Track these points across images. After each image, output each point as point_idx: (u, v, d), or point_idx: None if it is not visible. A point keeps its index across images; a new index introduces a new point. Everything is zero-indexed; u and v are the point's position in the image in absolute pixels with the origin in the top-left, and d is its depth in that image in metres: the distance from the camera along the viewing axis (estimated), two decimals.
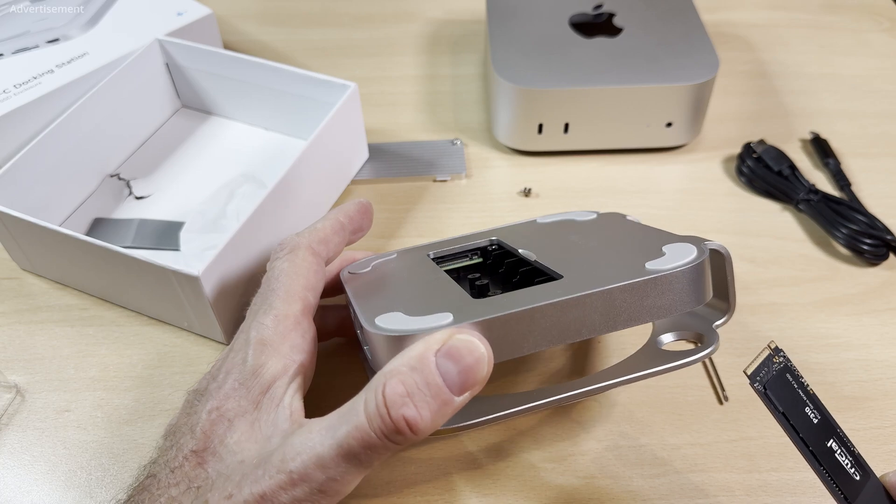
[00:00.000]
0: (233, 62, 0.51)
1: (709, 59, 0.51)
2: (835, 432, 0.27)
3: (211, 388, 0.30)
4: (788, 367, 0.27)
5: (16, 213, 0.41)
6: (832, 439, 0.27)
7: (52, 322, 0.44)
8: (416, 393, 0.25)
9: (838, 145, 0.54)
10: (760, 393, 0.26)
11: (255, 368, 0.30)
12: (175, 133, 0.55)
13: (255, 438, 0.28)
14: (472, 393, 0.26)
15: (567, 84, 0.49)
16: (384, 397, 0.25)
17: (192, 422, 0.30)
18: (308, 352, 0.32)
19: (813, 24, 0.66)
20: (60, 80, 0.50)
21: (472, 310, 0.28)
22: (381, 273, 0.37)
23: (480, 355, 0.26)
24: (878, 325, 0.43)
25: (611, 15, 0.56)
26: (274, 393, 0.30)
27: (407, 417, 0.25)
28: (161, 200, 0.50)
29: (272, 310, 0.32)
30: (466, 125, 0.57)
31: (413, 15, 0.67)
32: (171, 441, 0.30)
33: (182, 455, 0.29)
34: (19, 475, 0.37)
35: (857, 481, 0.27)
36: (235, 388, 0.30)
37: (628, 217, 0.40)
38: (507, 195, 0.51)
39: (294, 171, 0.43)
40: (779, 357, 0.27)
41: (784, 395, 0.26)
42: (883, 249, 0.46)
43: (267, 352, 0.30)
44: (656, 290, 0.29)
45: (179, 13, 0.56)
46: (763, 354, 0.27)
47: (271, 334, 0.31)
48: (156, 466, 0.29)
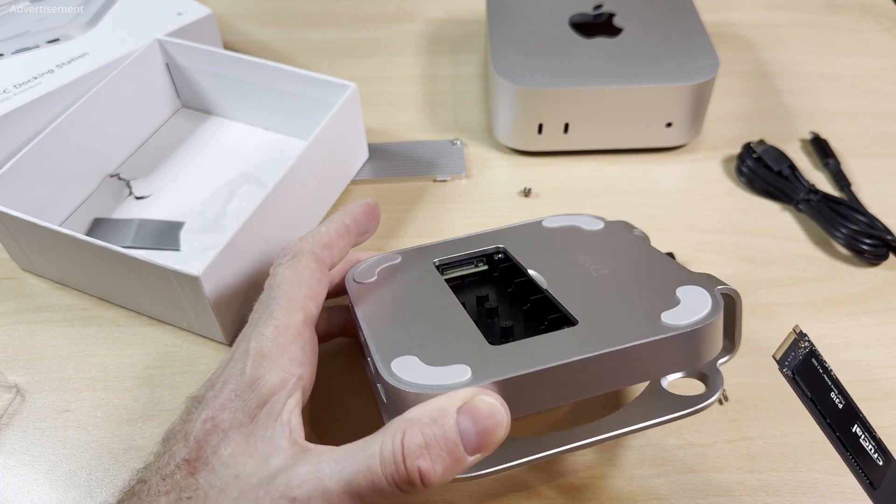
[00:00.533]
0: (233, 62, 0.51)
1: (709, 59, 0.51)
2: (858, 417, 0.27)
3: (208, 396, 0.30)
4: (813, 351, 0.27)
5: (15, 213, 0.41)
6: (856, 424, 0.27)
7: (52, 322, 0.44)
8: (434, 446, 0.25)
9: (838, 145, 0.54)
10: (789, 378, 0.26)
11: (252, 381, 0.30)
12: (175, 133, 0.54)
13: (250, 453, 0.28)
14: (485, 454, 0.27)
15: (567, 84, 0.49)
16: (402, 445, 0.25)
17: (186, 429, 0.29)
18: (308, 364, 0.31)
19: (813, 24, 0.66)
20: (60, 80, 0.50)
21: (491, 362, 0.28)
22: (389, 287, 0.37)
23: (500, 419, 0.26)
24: (878, 326, 0.43)
25: (611, 15, 0.56)
26: (272, 407, 0.29)
27: (421, 469, 0.25)
28: (161, 200, 0.50)
29: (273, 320, 0.31)
30: (466, 125, 0.57)
31: (413, 15, 0.67)
32: (166, 447, 0.30)
33: (174, 463, 0.28)
34: (19, 475, 0.37)
35: (881, 466, 0.27)
36: (232, 399, 0.29)
37: (635, 231, 0.41)
38: (508, 195, 0.51)
39: (294, 171, 0.43)
40: (804, 342, 0.27)
41: (811, 380, 0.26)
42: (883, 249, 0.46)
43: (266, 364, 0.30)
44: (674, 346, 0.29)
45: (179, 13, 0.56)
46: (790, 339, 0.27)
47: (271, 346, 0.30)
48: (147, 472, 0.29)
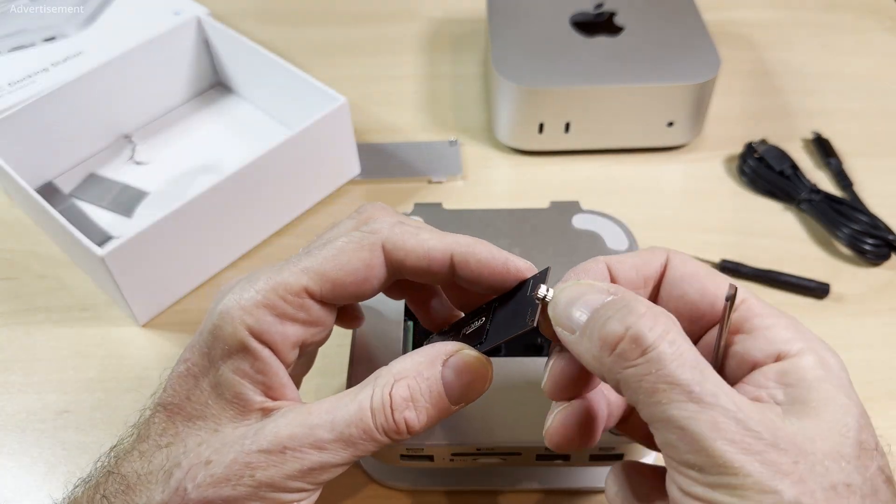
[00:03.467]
0: (249, 51, 0.52)
1: (710, 58, 0.51)
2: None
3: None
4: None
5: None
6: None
7: (51, 323, 0.44)
8: (419, 399, 0.27)
9: (840, 145, 0.54)
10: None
11: (215, 329, 0.28)
12: (201, 108, 0.56)
13: (221, 405, 0.27)
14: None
15: (568, 83, 0.49)
16: (391, 398, 0.26)
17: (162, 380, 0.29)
18: (298, 321, 0.29)
19: (815, 23, 0.66)
20: (55, 78, 0.50)
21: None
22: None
23: (484, 372, 0.27)
24: (880, 325, 0.43)
25: (612, 14, 0.55)
26: (239, 361, 0.28)
27: (408, 420, 0.26)
28: (157, 169, 0.51)
29: (268, 279, 0.28)
30: (467, 125, 0.56)
31: (413, 14, 0.67)
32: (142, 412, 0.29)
33: (150, 409, 0.28)
34: (18, 476, 0.37)
35: None
36: (200, 344, 0.28)
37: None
38: (508, 195, 0.51)
39: (239, 175, 0.43)
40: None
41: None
42: (885, 249, 0.46)
43: (236, 314, 0.27)
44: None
45: (176, 12, 0.56)
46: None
47: (250, 298, 0.28)
48: (125, 433, 0.29)
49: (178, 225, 0.42)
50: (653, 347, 0.22)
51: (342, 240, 0.28)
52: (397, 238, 0.28)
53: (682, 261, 0.28)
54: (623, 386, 0.23)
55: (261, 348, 0.27)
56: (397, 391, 0.26)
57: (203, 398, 0.27)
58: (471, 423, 0.33)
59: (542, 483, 0.36)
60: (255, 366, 0.27)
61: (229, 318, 0.27)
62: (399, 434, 0.26)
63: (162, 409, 0.28)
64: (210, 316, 0.28)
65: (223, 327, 0.27)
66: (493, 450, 0.33)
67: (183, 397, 0.28)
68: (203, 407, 0.27)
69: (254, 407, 0.27)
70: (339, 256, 0.28)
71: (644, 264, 0.28)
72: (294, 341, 0.28)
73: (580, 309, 0.24)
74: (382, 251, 0.28)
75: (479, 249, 0.28)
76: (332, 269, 0.28)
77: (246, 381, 0.27)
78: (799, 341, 0.25)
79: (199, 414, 0.27)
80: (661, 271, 0.28)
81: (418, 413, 0.27)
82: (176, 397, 0.28)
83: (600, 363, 0.23)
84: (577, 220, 0.42)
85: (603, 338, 0.23)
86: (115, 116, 0.52)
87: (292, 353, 0.28)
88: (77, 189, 0.50)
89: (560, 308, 0.25)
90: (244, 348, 0.27)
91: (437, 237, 0.28)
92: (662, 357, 0.22)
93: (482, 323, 0.28)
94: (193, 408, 0.27)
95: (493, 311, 0.28)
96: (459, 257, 0.28)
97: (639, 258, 0.28)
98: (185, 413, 0.27)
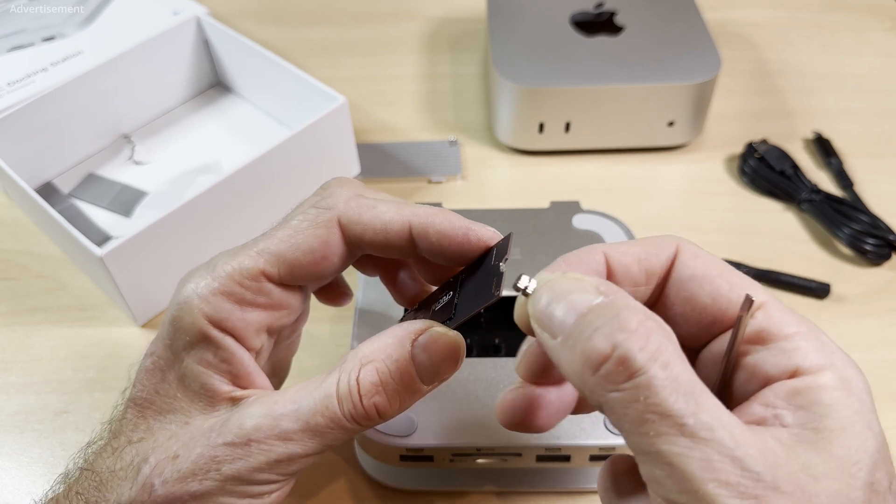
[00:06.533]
0: (248, 50, 0.51)
1: (711, 58, 0.51)
2: None
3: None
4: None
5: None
6: None
7: (50, 323, 0.43)
8: (389, 383, 0.25)
9: (841, 145, 0.53)
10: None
11: (175, 319, 0.27)
12: (200, 108, 0.56)
13: (189, 398, 0.27)
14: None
15: (568, 83, 0.49)
16: (358, 384, 0.25)
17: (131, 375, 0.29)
18: (264, 307, 0.28)
19: (815, 22, 0.66)
20: (54, 78, 0.50)
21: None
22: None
23: (455, 348, 0.26)
24: (881, 326, 0.43)
25: (612, 13, 0.55)
26: (202, 351, 0.27)
27: (377, 406, 0.25)
28: (157, 169, 0.51)
29: (232, 261, 0.28)
30: (467, 124, 0.56)
31: (413, 13, 0.67)
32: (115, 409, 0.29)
33: (122, 406, 0.28)
34: (17, 477, 0.37)
35: None
36: (164, 336, 0.28)
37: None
38: (508, 195, 0.51)
39: (236, 177, 0.43)
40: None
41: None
42: (886, 249, 0.46)
43: (199, 303, 0.27)
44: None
45: (175, 12, 0.56)
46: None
47: (213, 284, 0.27)
48: (101, 429, 0.29)
49: (177, 225, 0.41)
50: (642, 371, 0.19)
51: (297, 218, 0.27)
52: (353, 212, 0.27)
53: (693, 255, 0.24)
54: (607, 410, 0.20)
55: (222, 336, 0.26)
56: (365, 376, 0.25)
57: (171, 391, 0.27)
58: (471, 423, 0.33)
59: (543, 484, 0.36)
60: (219, 355, 0.26)
61: (188, 308, 0.26)
62: (370, 420, 0.25)
63: (133, 405, 0.27)
64: (170, 307, 0.27)
65: (183, 318, 0.26)
66: (494, 450, 0.33)
67: (152, 392, 0.27)
68: (172, 400, 0.27)
69: (222, 397, 0.27)
70: (295, 236, 0.27)
71: (649, 256, 0.25)
72: (257, 327, 0.27)
73: (563, 310, 0.21)
74: (339, 227, 0.27)
75: (437, 220, 0.26)
76: (287, 250, 0.27)
77: (211, 371, 0.27)
78: (819, 356, 0.22)
79: (168, 408, 0.27)
80: (667, 266, 0.25)
81: (389, 397, 0.25)
82: (145, 392, 0.27)
83: (582, 381, 0.20)
84: (578, 220, 0.42)
85: (586, 354, 0.20)
86: (115, 116, 0.52)
87: (258, 338, 0.27)
88: (76, 189, 0.50)
89: (541, 305, 0.22)
90: (205, 338, 0.26)
91: (395, 209, 0.27)
92: (653, 383, 0.19)
93: (451, 297, 0.27)
94: (163, 402, 0.27)
95: (461, 283, 0.27)
96: (418, 229, 0.27)
97: (643, 248, 0.25)
98: (156, 407, 0.27)
